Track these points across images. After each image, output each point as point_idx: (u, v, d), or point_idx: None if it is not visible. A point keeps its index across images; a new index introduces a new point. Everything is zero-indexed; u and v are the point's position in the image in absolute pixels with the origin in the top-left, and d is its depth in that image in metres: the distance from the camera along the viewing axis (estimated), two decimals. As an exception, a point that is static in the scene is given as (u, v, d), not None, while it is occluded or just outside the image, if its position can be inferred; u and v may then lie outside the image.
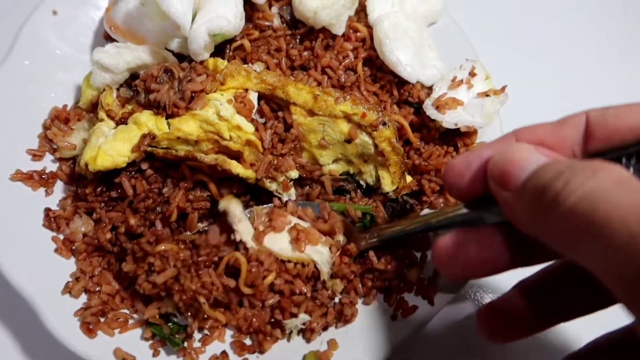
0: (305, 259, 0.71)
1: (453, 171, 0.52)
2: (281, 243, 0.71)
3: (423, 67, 0.85)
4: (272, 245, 0.70)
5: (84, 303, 0.71)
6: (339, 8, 0.82)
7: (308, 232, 0.72)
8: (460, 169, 0.51)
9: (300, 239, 0.70)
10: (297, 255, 0.70)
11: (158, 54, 0.80)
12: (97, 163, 0.70)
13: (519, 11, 1.12)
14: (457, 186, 0.52)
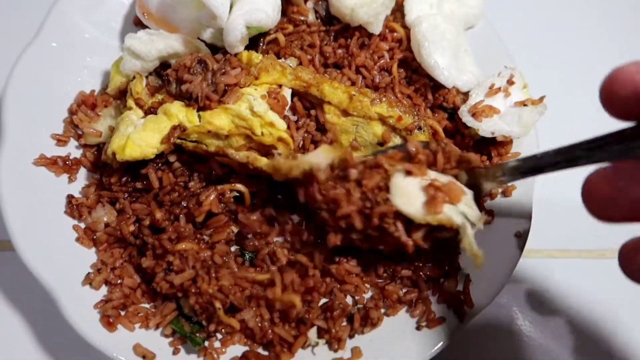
0: (445, 222, 0.60)
1: (623, 80, 0.41)
2: (414, 202, 0.60)
3: (459, 72, 0.83)
4: (404, 205, 0.60)
5: (104, 295, 0.69)
6: (378, 7, 0.80)
7: (449, 189, 0.60)
8: (636, 77, 0.41)
9: (437, 199, 0.59)
10: (435, 217, 0.60)
11: (190, 44, 0.77)
12: (126, 153, 0.68)
13: (559, 20, 1.09)
14: (625, 99, 0.41)
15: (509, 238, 0.74)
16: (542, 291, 0.85)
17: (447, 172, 0.65)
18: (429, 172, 0.63)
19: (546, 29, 1.08)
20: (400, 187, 0.61)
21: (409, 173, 0.62)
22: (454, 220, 0.60)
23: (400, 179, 0.62)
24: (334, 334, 0.68)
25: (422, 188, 0.61)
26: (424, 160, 0.64)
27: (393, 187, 0.61)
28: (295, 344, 0.67)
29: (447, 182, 0.61)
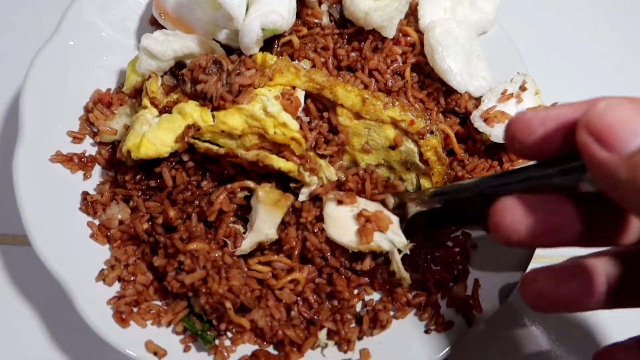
0: (375, 248, 0.67)
1: (521, 126, 0.47)
2: (349, 233, 0.68)
3: (472, 77, 0.83)
4: (339, 237, 0.68)
5: (117, 292, 0.70)
6: (392, 11, 0.80)
7: (377, 218, 0.67)
8: (531, 124, 0.47)
9: (367, 229, 0.67)
10: (365, 246, 0.67)
11: (206, 44, 0.78)
12: (141, 151, 0.69)
13: (574, 28, 1.09)
14: (523, 143, 0.47)
15: (518, 243, 0.74)
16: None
17: (376, 197, 0.71)
18: (358, 200, 0.70)
19: (560, 36, 1.08)
20: (333, 216, 0.69)
21: (340, 202, 0.69)
22: (383, 247, 0.67)
23: (332, 208, 0.69)
24: (343, 336, 0.68)
25: (353, 217, 0.68)
26: (353, 187, 0.71)
27: (327, 217, 0.69)
28: (305, 344, 0.67)
29: (375, 211, 0.68)
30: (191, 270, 0.66)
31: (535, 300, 0.52)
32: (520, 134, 0.48)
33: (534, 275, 0.53)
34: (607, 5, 1.15)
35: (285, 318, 0.69)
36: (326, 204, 0.70)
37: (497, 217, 0.47)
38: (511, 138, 0.49)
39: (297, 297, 0.71)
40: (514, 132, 0.48)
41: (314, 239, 0.69)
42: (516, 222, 0.46)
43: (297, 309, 0.70)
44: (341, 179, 0.74)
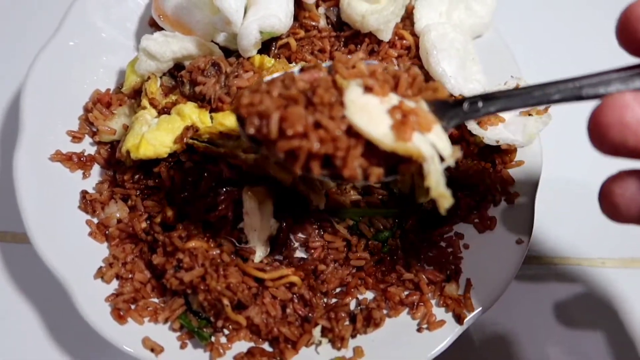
0: (414, 152, 0.48)
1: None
2: (380, 125, 0.49)
3: (466, 80, 0.84)
4: (367, 127, 0.48)
5: (115, 289, 0.72)
6: (388, 15, 0.82)
7: (418, 114, 0.49)
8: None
9: (407, 123, 0.48)
10: (402, 145, 0.48)
11: (204, 46, 0.79)
12: (140, 152, 0.70)
13: (568, 33, 1.10)
14: None
15: (510, 245, 0.76)
16: (542, 297, 0.87)
17: (409, 99, 0.53)
18: (391, 95, 0.52)
19: (554, 40, 1.09)
20: (359, 104, 0.50)
21: (368, 90, 0.51)
22: (423, 151, 0.48)
23: (357, 94, 0.50)
24: (337, 333, 0.70)
25: (386, 110, 0.50)
26: (384, 79, 0.52)
27: (349, 103, 0.49)
28: (299, 341, 0.69)
29: (415, 107, 0.51)
30: (190, 268, 0.68)
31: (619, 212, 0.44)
32: None
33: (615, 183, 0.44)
34: (604, 7, 1.16)
35: (281, 315, 0.70)
36: (349, 88, 0.50)
37: (608, 116, 0.40)
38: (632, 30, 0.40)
39: (293, 295, 0.72)
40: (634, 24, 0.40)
41: (332, 125, 0.48)
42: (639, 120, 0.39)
43: (292, 306, 0.71)
44: (365, 72, 0.52)
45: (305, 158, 0.49)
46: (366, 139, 0.48)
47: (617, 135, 0.40)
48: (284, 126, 0.49)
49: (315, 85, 0.50)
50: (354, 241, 0.78)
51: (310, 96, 0.50)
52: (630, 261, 0.91)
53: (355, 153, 0.48)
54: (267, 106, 0.50)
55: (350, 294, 0.75)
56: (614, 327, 0.86)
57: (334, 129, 0.48)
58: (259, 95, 0.51)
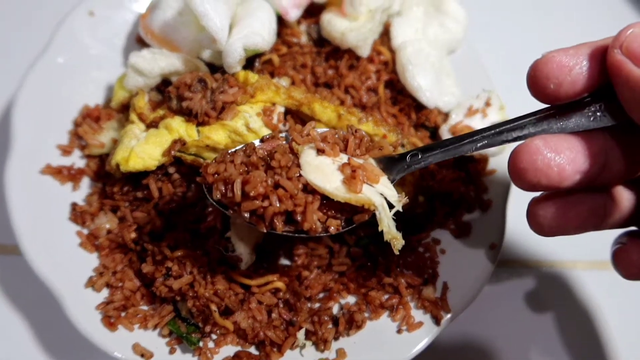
0: (365, 201, 0.56)
1: (553, 66, 0.46)
2: (332, 181, 0.56)
3: (441, 94, 0.89)
4: (322, 183, 0.56)
5: (105, 297, 0.74)
6: (366, 32, 0.86)
7: (365, 169, 0.57)
8: (566, 63, 0.45)
9: (356, 177, 0.56)
10: (354, 196, 0.56)
11: (190, 62, 0.83)
12: (129, 164, 0.73)
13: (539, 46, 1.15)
14: (560, 82, 0.46)
15: (484, 249, 0.80)
16: (516, 298, 0.91)
17: (358, 157, 0.61)
18: (341, 155, 0.60)
19: (524, 53, 1.14)
20: (313, 164, 0.57)
21: (321, 152, 0.59)
22: (374, 200, 0.56)
23: (311, 156, 0.58)
24: (321, 336, 0.72)
25: (338, 168, 0.58)
26: (334, 142, 0.60)
27: (304, 164, 0.57)
28: (284, 344, 0.71)
29: (363, 162, 0.59)
30: (179, 276, 0.71)
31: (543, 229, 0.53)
32: (555, 72, 0.46)
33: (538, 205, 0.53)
34: (573, 17, 1.23)
35: (266, 320, 0.73)
36: (303, 152, 0.59)
37: (523, 162, 0.47)
38: (544, 79, 0.46)
39: (278, 300, 0.75)
40: (547, 72, 0.46)
41: (289, 184, 0.56)
42: (548, 164, 0.46)
43: (277, 311, 0.74)
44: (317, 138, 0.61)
45: (270, 217, 0.56)
46: (322, 194, 0.57)
47: (532, 177, 0.48)
48: (246, 189, 0.55)
49: (274, 151, 0.58)
50: (336, 248, 0.82)
51: (269, 161, 0.58)
52: (600, 263, 0.95)
53: (313, 207, 0.56)
54: (231, 173, 0.57)
55: (332, 298, 0.78)
56: (585, 327, 0.90)
57: (292, 188, 0.56)
58: (223, 165, 0.58)
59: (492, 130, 0.55)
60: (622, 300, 0.91)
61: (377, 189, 0.58)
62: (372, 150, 0.62)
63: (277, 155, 0.58)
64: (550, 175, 0.46)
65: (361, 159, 0.60)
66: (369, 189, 0.57)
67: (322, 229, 0.57)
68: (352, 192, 0.56)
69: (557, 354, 0.87)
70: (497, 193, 0.84)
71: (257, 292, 0.75)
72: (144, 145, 0.74)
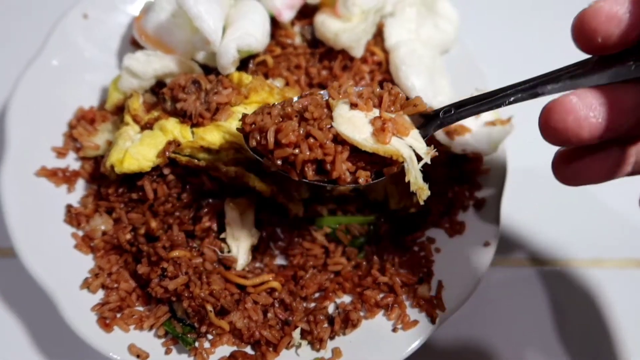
0: (393, 152, 0.57)
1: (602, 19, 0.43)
2: (361, 131, 0.58)
3: (435, 94, 0.89)
4: (350, 132, 0.57)
5: (101, 299, 0.74)
6: (359, 32, 0.86)
7: (395, 121, 0.58)
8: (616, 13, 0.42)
9: (385, 129, 0.57)
10: (382, 147, 0.57)
11: (185, 64, 0.83)
12: (124, 166, 0.73)
13: (532, 44, 1.17)
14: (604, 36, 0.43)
15: (478, 247, 0.80)
16: (510, 296, 0.91)
17: (392, 114, 0.62)
18: (374, 110, 0.61)
19: (517, 52, 1.15)
20: (345, 117, 0.59)
21: (354, 106, 0.60)
22: (402, 152, 0.57)
23: (345, 110, 0.60)
24: (316, 335, 0.73)
25: (369, 121, 0.59)
26: (368, 97, 0.62)
27: (337, 116, 0.59)
28: (280, 344, 0.72)
29: (394, 116, 0.60)
30: (174, 277, 0.71)
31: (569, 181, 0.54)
32: (605, 26, 0.43)
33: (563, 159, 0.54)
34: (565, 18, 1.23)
35: (262, 320, 0.73)
36: (337, 106, 0.60)
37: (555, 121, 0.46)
38: (591, 31, 0.44)
39: (273, 300, 0.75)
40: (595, 26, 0.43)
41: (320, 134, 0.58)
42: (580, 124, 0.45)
43: (273, 311, 0.74)
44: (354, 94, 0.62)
45: (300, 165, 0.59)
46: (352, 146, 0.58)
47: (564, 136, 0.47)
48: (278, 137, 0.58)
49: (308, 104, 0.60)
50: (332, 248, 0.82)
51: (304, 113, 0.60)
52: (596, 261, 0.96)
53: (342, 157, 0.58)
54: (266, 122, 0.60)
55: (328, 297, 0.78)
56: (581, 324, 0.90)
57: (322, 137, 0.58)
58: (260, 116, 0.61)
59: (525, 85, 0.54)
60: (619, 298, 0.91)
61: (406, 141, 0.58)
62: (407, 107, 0.62)
63: (311, 107, 0.59)
64: (583, 135, 0.46)
65: (394, 115, 0.61)
66: (398, 141, 0.58)
67: (351, 179, 0.59)
68: (380, 143, 0.57)
69: (552, 351, 0.88)
70: (491, 192, 0.85)
71: (252, 292, 0.75)
72: (139, 146, 0.75)
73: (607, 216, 0.99)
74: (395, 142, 0.58)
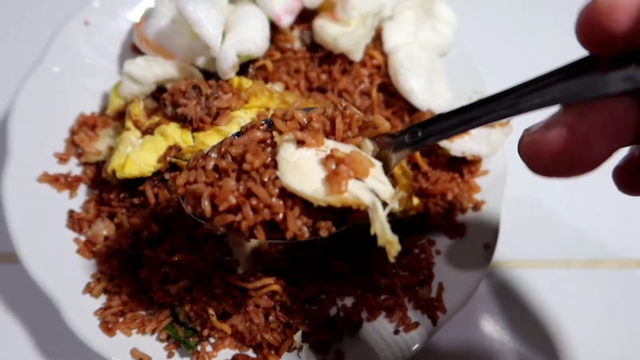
0: (352, 202, 0.47)
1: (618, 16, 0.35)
2: (314, 181, 0.48)
3: (433, 96, 0.90)
4: (300, 186, 0.47)
5: (103, 303, 0.74)
6: (358, 36, 0.87)
7: (353, 160, 0.47)
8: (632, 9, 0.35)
9: (340, 174, 0.47)
10: (337, 198, 0.47)
11: (185, 69, 0.84)
12: (125, 171, 0.74)
13: (530, 47, 1.17)
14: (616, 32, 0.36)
15: (478, 249, 0.80)
16: (510, 298, 0.91)
17: (349, 141, 0.52)
18: (326, 142, 0.51)
19: (515, 54, 1.16)
20: (291, 162, 0.49)
21: (301, 143, 0.50)
22: (362, 199, 0.47)
23: (290, 151, 0.50)
24: (318, 338, 0.73)
25: (320, 161, 0.49)
26: (319, 128, 0.51)
27: (281, 161, 0.49)
28: (282, 347, 0.72)
29: (350, 152, 0.49)
30: (176, 281, 0.71)
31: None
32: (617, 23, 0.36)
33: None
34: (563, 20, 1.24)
35: (264, 323, 0.74)
36: (282, 146, 0.50)
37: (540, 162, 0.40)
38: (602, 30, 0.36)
39: (275, 303, 0.75)
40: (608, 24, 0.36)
41: (262, 191, 0.48)
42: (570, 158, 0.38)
43: (274, 314, 0.75)
44: (302, 121, 0.52)
45: (247, 230, 0.49)
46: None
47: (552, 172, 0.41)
48: (215, 202, 0.48)
49: (247, 149, 0.50)
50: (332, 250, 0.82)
51: (242, 165, 0.50)
52: (595, 262, 0.96)
53: (294, 214, 0.48)
54: (199, 186, 0.50)
55: (329, 300, 0.78)
56: (580, 326, 0.91)
57: (265, 197, 0.48)
58: (193, 173, 0.52)
59: (506, 97, 0.44)
60: (619, 298, 0.92)
61: (367, 183, 0.48)
62: (366, 129, 0.52)
63: (249, 156, 0.49)
64: (576, 169, 0.39)
65: (351, 144, 0.52)
66: (357, 186, 0.47)
67: (310, 234, 0.49)
68: (335, 194, 0.47)
69: (552, 353, 0.88)
70: (490, 193, 0.85)
71: (254, 296, 0.75)
72: (140, 151, 0.75)
73: (606, 216, 0.99)
74: (354, 187, 0.47)
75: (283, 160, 0.49)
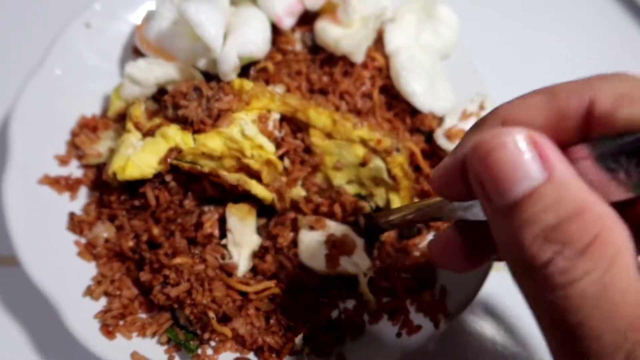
0: (342, 272, 0.72)
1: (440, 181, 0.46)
2: (319, 258, 0.73)
3: (435, 98, 0.90)
4: (311, 263, 0.73)
5: (103, 306, 0.74)
6: (360, 38, 0.87)
7: (342, 243, 0.73)
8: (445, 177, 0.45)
9: (334, 254, 0.72)
10: (333, 271, 0.73)
11: (186, 71, 0.84)
12: (126, 173, 0.73)
13: (531, 48, 1.17)
14: (446, 194, 0.48)
15: (481, 251, 0.80)
16: (513, 300, 0.91)
17: (348, 219, 0.78)
18: (328, 224, 0.76)
19: (517, 56, 1.16)
20: (305, 242, 0.74)
21: (311, 228, 0.75)
22: (349, 270, 0.73)
23: (305, 234, 0.75)
24: (319, 341, 0.72)
25: (323, 242, 0.74)
26: (326, 211, 0.77)
27: (300, 243, 0.74)
28: (283, 350, 0.71)
29: (342, 235, 0.75)
30: (176, 284, 0.71)
31: None
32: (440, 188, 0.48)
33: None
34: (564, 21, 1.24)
35: (265, 326, 0.73)
36: (301, 230, 0.75)
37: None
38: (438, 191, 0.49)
39: (276, 306, 0.75)
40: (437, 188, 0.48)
41: (288, 264, 0.74)
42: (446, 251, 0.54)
43: (275, 316, 0.74)
44: (316, 200, 0.79)
45: None
46: None
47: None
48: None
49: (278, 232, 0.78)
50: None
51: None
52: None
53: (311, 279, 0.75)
54: None
55: (331, 303, 0.78)
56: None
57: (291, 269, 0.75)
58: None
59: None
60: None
61: (353, 259, 0.74)
62: (357, 210, 0.78)
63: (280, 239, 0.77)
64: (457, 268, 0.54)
65: (350, 220, 0.78)
66: (346, 261, 0.73)
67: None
68: (331, 268, 0.73)
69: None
70: (492, 196, 0.84)
71: (254, 299, 0.75)
72: (141, 153, 0.75)
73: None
74: (344, 262, 0.73)
75: (301, 242, 0.75)
